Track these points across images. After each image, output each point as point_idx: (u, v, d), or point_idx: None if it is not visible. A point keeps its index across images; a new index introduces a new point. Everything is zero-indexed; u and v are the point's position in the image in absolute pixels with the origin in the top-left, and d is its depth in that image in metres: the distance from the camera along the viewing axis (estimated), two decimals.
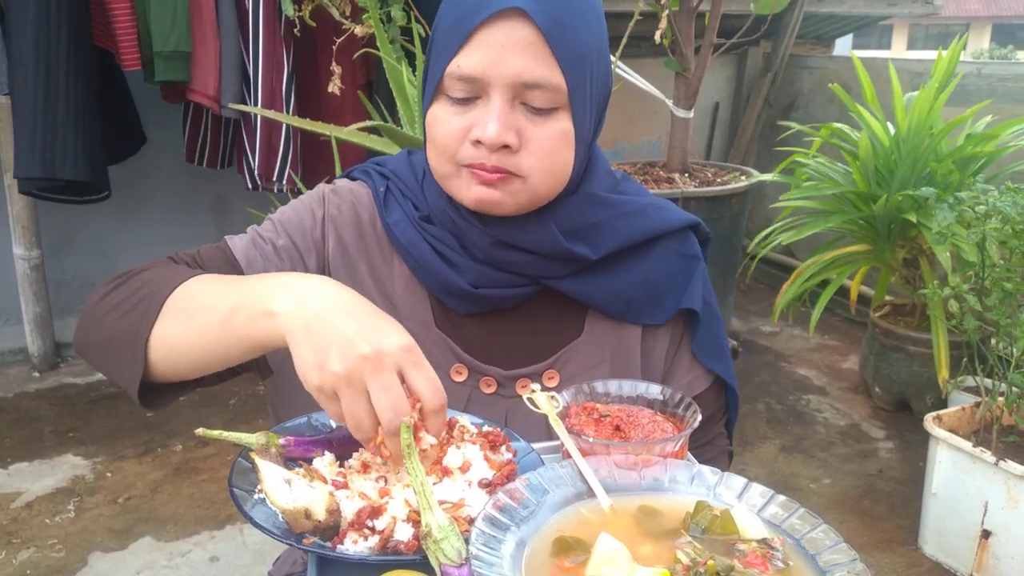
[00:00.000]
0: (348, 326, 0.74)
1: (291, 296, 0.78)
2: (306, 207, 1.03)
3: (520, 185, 0.90)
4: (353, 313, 0.76)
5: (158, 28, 2.85)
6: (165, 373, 0.87)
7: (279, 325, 0.76)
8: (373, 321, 0.76)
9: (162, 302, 0.85)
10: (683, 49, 3.20)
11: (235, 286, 0.84)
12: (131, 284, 0.90)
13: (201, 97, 3.01)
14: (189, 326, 0.83)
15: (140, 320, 0.85)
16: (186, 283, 0.87)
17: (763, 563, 0.66)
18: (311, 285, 0.80)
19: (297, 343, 0.75)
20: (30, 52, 2.76)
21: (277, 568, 1.20)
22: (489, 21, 0.85)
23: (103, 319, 0.89)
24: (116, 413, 3.08)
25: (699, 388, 1.06)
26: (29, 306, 3.35)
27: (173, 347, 0.84)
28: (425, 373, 0.75)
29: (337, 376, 0.72)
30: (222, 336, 0.81)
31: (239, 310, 0.80)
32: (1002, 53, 19.94)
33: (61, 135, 2.83)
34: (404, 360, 0.74)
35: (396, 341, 0.75)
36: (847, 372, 3.56)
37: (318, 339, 0.74)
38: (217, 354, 0.83)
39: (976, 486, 2.16)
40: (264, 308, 0.78)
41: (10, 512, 2.48)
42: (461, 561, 0.67)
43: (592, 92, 0.92)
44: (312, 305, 0.76)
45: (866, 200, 2.92)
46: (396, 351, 0.74)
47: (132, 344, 0.85)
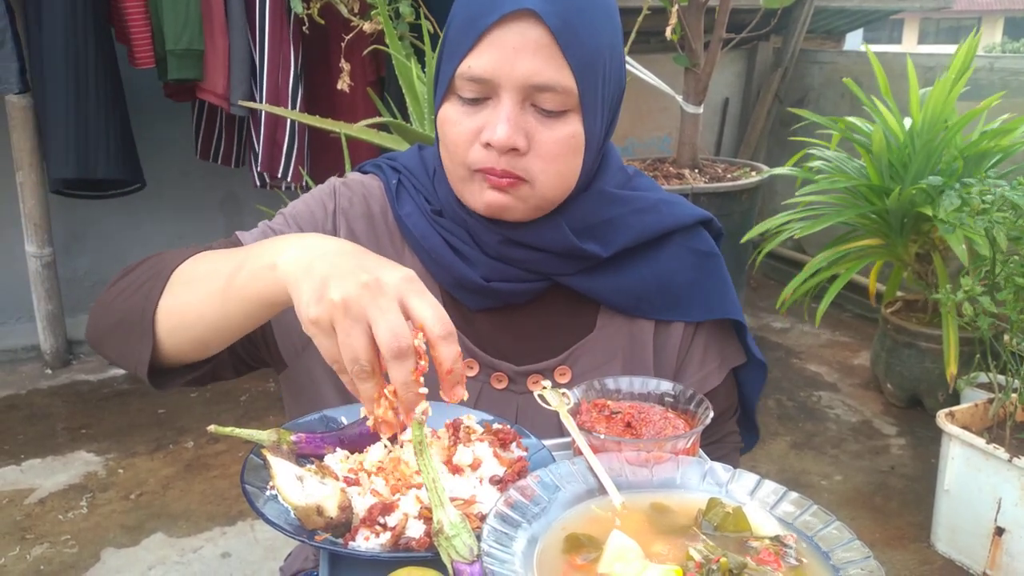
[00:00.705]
0: (348, 261, 0.72)
1: (292, 249, 0.76)
2: (317, 200, 1.03)
3: (529, 191, 0.90)
4: (354, 254, 0.75)
5: (171, 26, 2.87)
6: (173, 348, 0.86)
7: (280, 274, 0.75)
8: (373, 258, 0.75)
9: (167, 277, 0.86)
10: (692, 44, 3.19)
11: (237, 251, 0.84)
12: (135, 273, 0.91)
13: (210, 95, 3.02)
14: (193, 294, 0.83)
15: (146, 297, 0.85)
16: (191, 258, 0.88)
17: (776, 560, 0.66)
18: (312, 238, 0.79)
19: (297, 283, 0.72)
20: (59, 52, 2.79)
21: (288, 564, 1.21)
22: (501, 22, 0.84)
23: (111, 305, 0.90)
24: (128, 410, 3.10)
25: (711, 385, 1.05)
26: (41, 303, 3.37)
27: (180, 318, 0.84)
28: (428, 301, 0.71)
29: (334, 304, 0.69)
30: (226, 299, 0.80)
31: (240, 269, 0.79)
32: (1015, 47, 19.77)
33: (94, 133, 2.88)
34: (406, 289, 0.71)
35: (396, 271, 0.72)
36: (858, 368, 3.55)
37: (316, 275, 0.71)
38: (223, 319, 0.82)
39: (989, 483, 2.14)
40: (265, 263, 0.77)
41: (23, 508, 2.49)
42: (473, 558, 0.67)
43: (604, 93, 0.91)
44: (313, 251, 0.75)
45: (879, 194, 2.91)
46: (397, 280, 0.71)
47: (140, 322, 0.85)
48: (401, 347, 0.68)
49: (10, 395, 3.22)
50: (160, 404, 3.12)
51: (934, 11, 19.39)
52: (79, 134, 2.87)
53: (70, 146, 2.87)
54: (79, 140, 2.87)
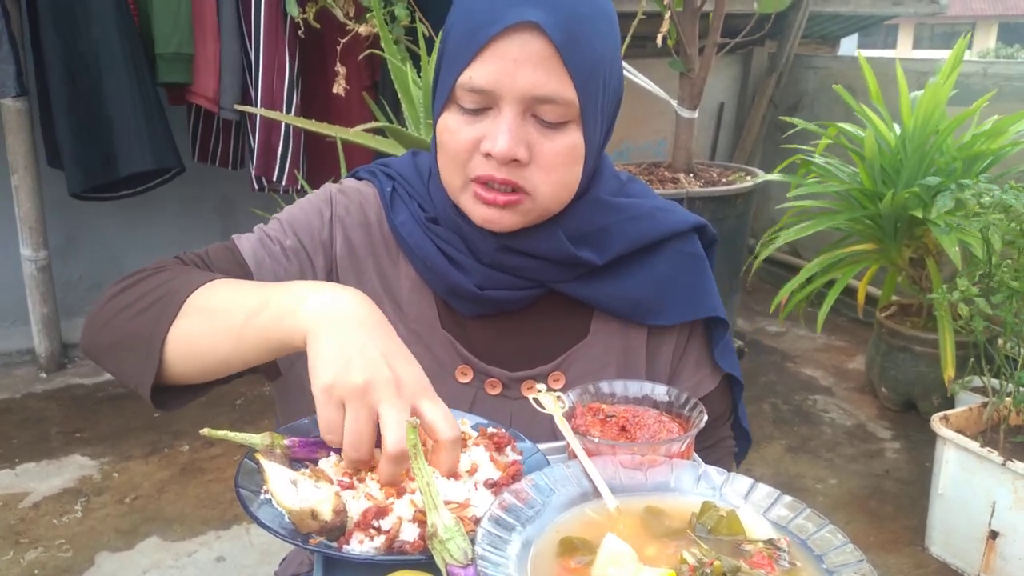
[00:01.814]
0: (374, 344, 0.74)
1: (317, 300, 0.77)
2: (314, 207, 1.02)
3: (529, 204, 0.90)
4: (379, 333, 0.76)
5: (161, 30, 2.87)
6: (179, 374, 0.86)
7: (302, 324, 0.76)
8: (398, 347, 0.76)
9: (181, 303, 0.84)
10: (687, 49, 3.20)
11: (258, 290, 0.84)
12: (143, 285, 0.89)
13: (201, 99, 3.02)
14: (208, 326, 0.83)
15: (156, 321, 0.84)
16: (206, 284, 0.86)
17: (769, 564, 0.66)
18: (338, 293, 0.79)
19: (319, 340, 0.74)
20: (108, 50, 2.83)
21: (283, 568, 1.20)
22: (503, 33, 0.84)
23: (114, 320, 0.88)
24: (123, 413, 3.09)
25: (705, 390, 1.06)
26: (36, 307, 3.36)
27: (191, 347, 0.84)
28: (440, 407, 0.75)
29: (354, 386, 0.71)
30: (242, 336, 0.80)
31: (262, 311, 0.79)
32: (1008, 52, 19.86)
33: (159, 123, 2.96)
34: (421, 392, 0.74)
35: (414, 369, 0.75)
36: (853, 372, 3.55)
37: (342, 344, 0.73)
38: (236, 353, 0.82)
39: (983, 486, 2.15)
40: (288, 308, 0.78)
41: (18, 512, 2.49)
42: (467, 561, 0.67)
43: (603, 103, 0.92)
44: (338, 312, 0.76)
45: (872, 198, 2.92)
46: (414, 381, 0.74)
47: (147, 344, 0.84)
48: (403, 452, 0.71)
49: (4, 399, 3.21)
50: (154, 408, 3.11)
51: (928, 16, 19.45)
52: (148, 126, 2.91)
53: (141, 140, 2.90)
54: (149, 132, 2.92)
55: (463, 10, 0.88)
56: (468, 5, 0.88)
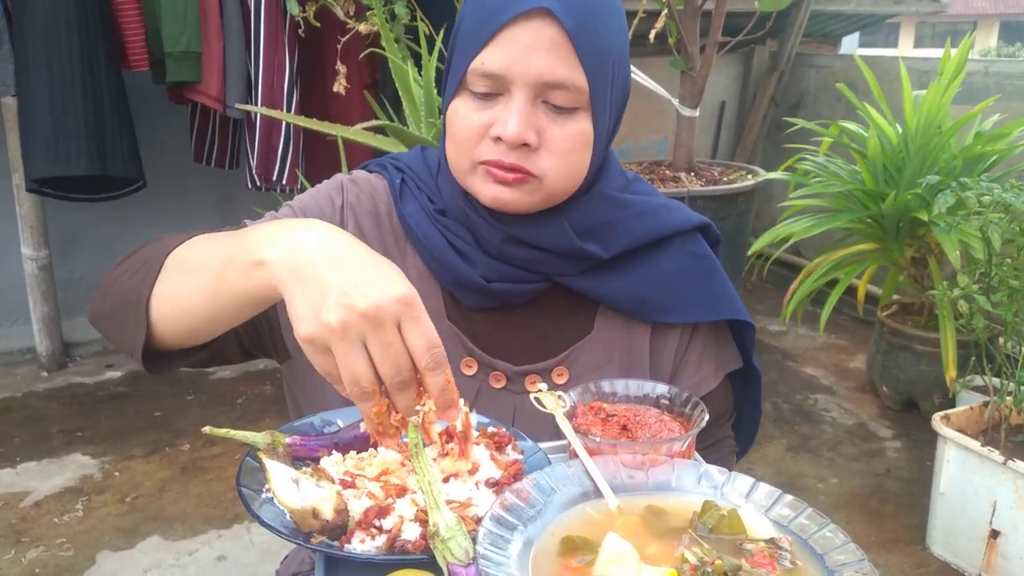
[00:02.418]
0: (344, 276, 0.70)
1: (282, 243, 0.73)
2: (325, 194, 1.03)
3: (536, 184, 0.91)
4: (348, 261, 0.71)
5: (169, 29, 2.86)
6: (168, 334, 0.85)
7: (270, 275, 0.73)
8: (369, 270, 0.71)
9: (161, 263, 0.85)
10: (688, 48, 3.20)
11: (228, 240, 0.82)
12: (138, 255, 0.91)
13: (204, 97, 3.02)
14: (185, 283, 0.82)
15: (141, 282, 0.85)
16: (184, 244, 0.86)
17: (771, 563, 0.66)
18: (303, 230, 0.75)
19: (289, 291, 0.71)
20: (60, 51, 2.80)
21: (285, 567, 1.21)
22: (516, 20, 0.85)
23: (110, 289, 0.90)
24: (124, 412, 3.10)
25: (707, 388, 1.06)
26: (37, 306, 3.36)
27: (172, 306, 0.83)
28: (421, 328, 0.70)
29: (331, 329, 0.68)
30: (217, 292, 0.79)
31: (230, 263, 0.77)
32: (1010, 51, 19.83)
33: (110, 130, 2.91)
34: (402, 314, 0.69)
35: (393, 291, 0.69)
36: (854, 371, 3.55)
37: (311, 288, 0.70)
38: (215, 311, 0.81)
39: (984, 486, 2.15)
40: (254, 258, 0.74)
41: (19, 511, 2.49)
42: (468, 560, 0.67)
43: (612, 94, 0.92)
44: (304, 252, 0.72)
45: (874, 198, 2.91)
46: (393, 303, 0.69)
47: (135, 307, 0.84)
48: (403, 380, 0.69)
49: (6, 398, 3.21)
50: (156, 407, 3.12)
51: (930, 15, 19.45)
52: (96, 131, 2.88)
53: (88, 142, 2.87)
54: (97, 138, 2.89)
55: (476, 1, 0.89)
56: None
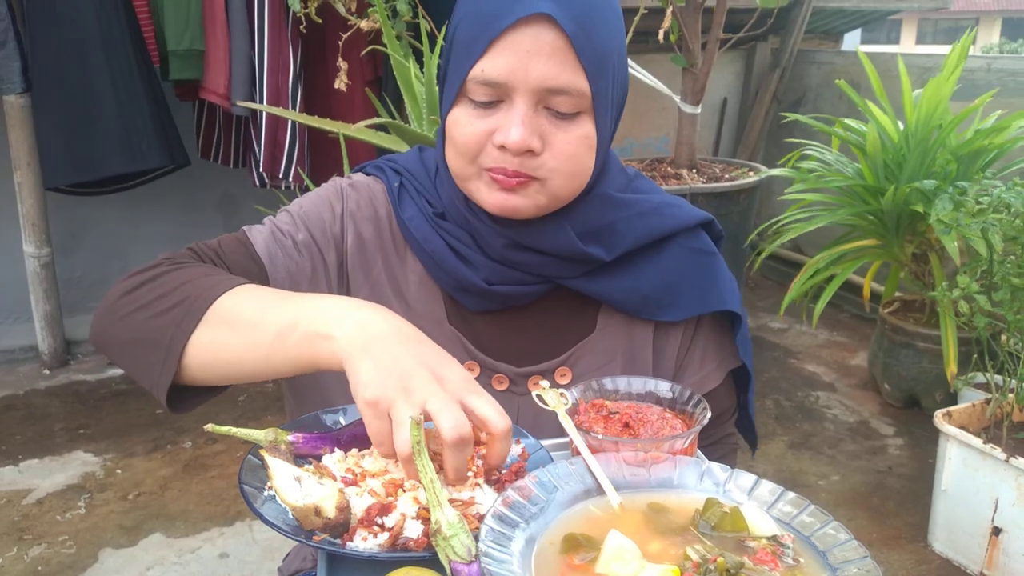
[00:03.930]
0: (411, 355, 0.74)
1: (351, 321, 0.76)
2: (324, 201, 1.02)
3: (539, 188, 0.90)
4: (415, 344, 0.76)
5: (172, 27, 2.87)
6: (197, 379, 0.84)
7: (337, 348, 0.75)
8: (436, 353, 0.76)
9: (204, 309, 0.82)
10: (690, 44, 3.19)
11: (287, 303, 0.82)
12: (162, 282, 0.87)
13: (212, 95, 3.02)
14: (236, 338, 0.81)
15: (177, 325, 0.82)
16: (231, 291, 0.84)
17: (773, 560, 0.66)
18: (369, 313, 0.78)
19: (357, 362, 0.73)
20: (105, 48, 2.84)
21: (287, 564, 1.21)
22: (515, 26, 0.84)
23: (131, 316, 0.86)
24: (126, 410, 3.10)
25: (710, 386, 1.05)
26: (39, 304, 3.36)
27: (215, 356, 0.82)
28: (488, 400, 0.74)
29: (397, 391, 0.71)
30: (271, 353, 0.79)
31: (293, 330, 0.78)
32: (1012, 47, 19.79)
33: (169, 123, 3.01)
34: (467, 388, 0.74)
35: (457, 368, 0.75)
36: (856, 368, 3.55)
37: (380, 360, 0.73)
38: (263, 368, 0.81)
39: (986, 483, 2.15)
40: (322, 331, 0.76)
41: (21, 509, 2.49)
42: (471, 558, 0.67)
43: (613, 95, 0.92)
44: (373, 332, 0.75)
45: (874, 194, 2.91)
46: (458, 378, 0.74)
47: (166, 348, 0.82)
48: (463, 436, 0.70)
49: (8, 395, 3.22)
50: (158, 405, 3.08)
51: (932, 11, 19.40)
52: (156, 123, 2.94)
53: (148, 138, 2.93)
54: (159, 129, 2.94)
55: (473, 4, 0.88)
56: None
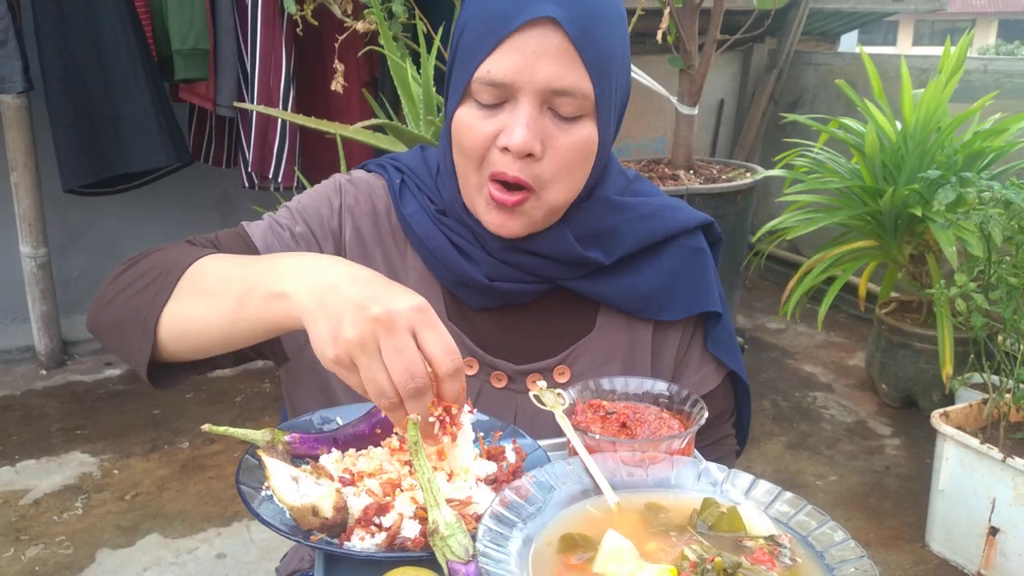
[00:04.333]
0: (359, 292, 0.73)
1: (304, 276, 0.76)
2: (323, 196, 1.03)
3: (535, 203, 0.91)
4: (365, 281, 0.75)
5: (176, 27, 2.86)
6: (175, 353, 0.86)
7: (294, 306, 0.75)
8: (385, 286, 0.75)
9: (174, 282, 0.85)
10: (687, 46, 3.19)
11: (247, 267, 0.83)
12: (143, 264, 0.90)
13: (195, 97, 3.01)
14: (201, 307, 0.83)
15: (151, 300, 0.85)
16: (197, 263, 0.86)
17: (770, 560, 0.66)
18: (323, 264, 0.78)
19: (313, 319, 0.73)
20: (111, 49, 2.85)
21: (284, 564, 1.21)
22: (521, 28, 0.85)
23: (115, 299, 0.89)
24: (123, 410, 3.09)
25: (708, 387, 1.06)
26: (36, 304, 3.36)
27: (184, 328, 0.84)
28: (438, 334, 0.73)
29: (350, 343, 0.70)
30: (235, 319, 0.81)
31: (252, 293, 0.79)
32: (1008, 49, 19.82)
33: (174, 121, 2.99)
34: (416, 320, 0.72)
35: (407, 301, 0.73)
36: (853, 369, 3.55)
37: (331, 310, 0.72)
38: (230, 336, 0.83)
39: (983, 483, 2.15)
40: (277, 289, 0.77)
41: (18, 509, 2.49)
42: (468, 558, 0.67)
43: (615, 98, 0.92)
44: (325, 279, 0.75)
45: (872, 195, 2.91)
46: (408, 311, 0.72)
47: (142, 324, 0.85)
48: (417, 387, 0.71)
49: (5, 396, 3.21)
50: (155, 405, 3.12)
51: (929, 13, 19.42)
52: (161, 123, 2.93)
53: (153, 137, 2.92)
54: (164, 129, 2.94)
55: (479, 6, 0.89)
56: (484, 1, 0.88)
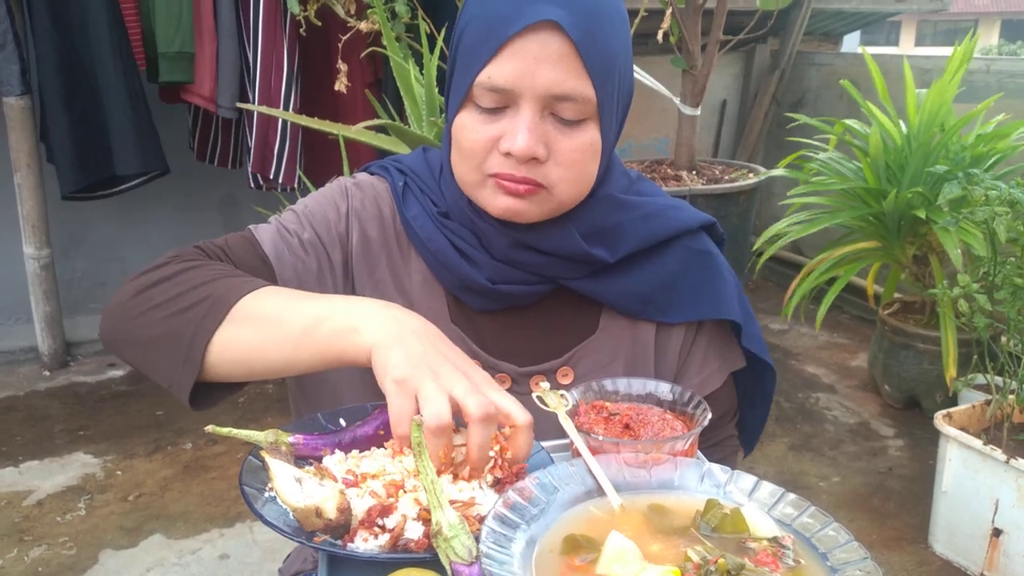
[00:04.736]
0: (439, 352, 0.78)
1: (380, 317, 0.80)
2: (329, 200, 1.03)
3: (546, 195, 0.91)
4: (442, 343, 0.80)
5: (163, 30, 2.87)
6: (218, 375, 0.85)
7: (368, 340, 0.78)
8: (460, 353, 0.80)
9: (227, 308, 0.83)
10: (690, 46, 3.19)
11: (312, 301, 0.84)
12: (179, 281, 0.87)
13: (197, 97, 3.02)
14: (260, 335, 0.82)
15: (199, 323, 0.83)
16: (254, 292, 0.85)
17: (774, 561, 0.66)
18: (399, 311, 0.82)
19: (388, 348, 0.77)
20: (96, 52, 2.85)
21: (287, 566, 1.21)
22: (522, 32, 0.84)
23: (147, 315, 0.86)
24: (126, 411, 3.10)
25: (712, 387, 1.06)
26: (39, 305, 3.36)
27: (239, 354, 0.83)
28: (510, 397, 0.77)
29: (426, 373, 0.74)
30: (298, 347, 0.81)
31: (320, 325, 0.80)
32: (1011, 49, 19.79)
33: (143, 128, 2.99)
34: (489, 385, 0.77)
35: (482, 373, 0.79)
36: (856, 370, 3.55)
37: (410, 348, 0.77)
38: (288, 363, 0.83)
39: (987, 484, 2.15)
40: (351, 325, 0.79)
41: (21, 510, 2.49)
42: (471, 559, 0.67)
43: (618, 100, 0.92)
44: (401, 328, 0.79)
45: (876, 196, 2.91)
46: (482, 378, 0.78)
47: (188, 347, 0.83)
48: (489, 413, 0.74)
49: (8, 397, 3.22)
50: (158, 406, 3.12)
51: (931, 13, 19.42)
52: (136, 129, 2.95)
53: (128, 143, 2.94)
54: (137, 135, 2.95)
55: (480, 9, 0.88)
56: (485, 4, 0.88)
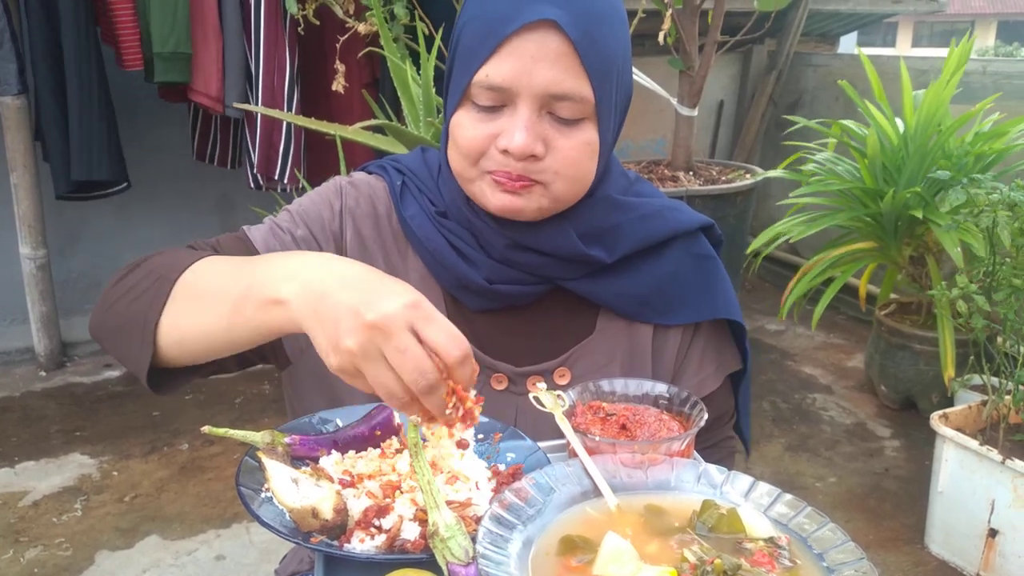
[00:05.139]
0: (351, 298, 0.71)
1: (296, 280, 0.75)
2: (324, 198, 1.03)
3: (543, 191, 0.91)
4: (355, 283, 0.73)
5: (158, 29, 2.86)
6: (175, 358, 0.86)
7: (291, 314, 0.75)
8: (375, 287, 0.73)
9: (170, 287, 0.84)
10: (687, 47, 3.20)
11: (241, 270, 0.82)
12: (143, 268, 0.90)
13: (202, 97, 3.02)
14: (197, 313, 0.83)
15: (149, 306, 0.85)
16: (192, 267, 0.86)
17: (770, 562, 0.66)
18: (313, 264, 0.77)
19: (311, 329, 0.73)
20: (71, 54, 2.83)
21: (284, 566, 1.20)
22: (520, 31, 0.84)
23: (115, 305, 0.89)
24: (122, 412, 3.09)
25: (708, 389, 1.06)
26: (35, 305, 3.36)
27: (183, 334, 0.84)
28: (438, 324, 0.72)
29: (352, 352, 0.70)
30: (232, 325, 0.80)
31: (247, 298, 0.78)
32: (1007, 50, 19.83)
33: (97, 135, 2.94)
34: (413, 317, 0.71)
35: (400, 300, 0.71)
36: (853, 371, 3.55)
37: (327, 320, 0.72)
38: (229, 341, 0.82)
39: (983, 484, 2.15)
40: (272, 296, 0.76)
41: (17, 511, 2.49)
42: (468, 560, 0.67)
43: (616, 100, 0.92)
44: (317, 285, 0.74)
45: (873, 197, 2.91)
46: (402, 310, 0.70)
47: (141, 330, 0.84)
48: (429, 383, 0.70)
49: (4, 397, 3.21)
50: (154, 406, 3.11)
51: (928, 15, 19.46)
52: (84, 136, 2.90)
53: (82, 148, 2.90)
54: (84, 142, 2.91)
55: (479, 8, 0.88)
56: (484, 3, 0.88)
